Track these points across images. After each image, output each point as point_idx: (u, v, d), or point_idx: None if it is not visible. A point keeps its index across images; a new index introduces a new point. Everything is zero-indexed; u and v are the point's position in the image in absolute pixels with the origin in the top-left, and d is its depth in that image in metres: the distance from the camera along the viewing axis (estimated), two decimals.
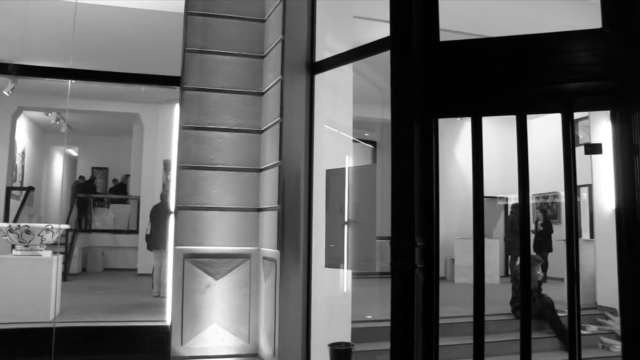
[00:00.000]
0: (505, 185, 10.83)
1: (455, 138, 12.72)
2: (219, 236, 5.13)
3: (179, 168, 5.17)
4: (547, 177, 8.69)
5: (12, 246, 6.41)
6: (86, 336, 5.24)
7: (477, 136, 3.64)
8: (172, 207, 5.23)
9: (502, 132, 11.29)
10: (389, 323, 3.60)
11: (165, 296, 5.90)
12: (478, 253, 3.57)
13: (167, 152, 10.37)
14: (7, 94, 8.15)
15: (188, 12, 5.30)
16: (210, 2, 5.31)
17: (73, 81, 5.66)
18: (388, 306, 3.58)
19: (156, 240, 8.67)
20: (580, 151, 3.63)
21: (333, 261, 4.51)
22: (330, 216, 4.60)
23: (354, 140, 5.30)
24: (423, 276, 3.57)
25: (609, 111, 3.45)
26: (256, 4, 5.43)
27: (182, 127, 5.21)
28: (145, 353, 5.12)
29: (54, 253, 6.36)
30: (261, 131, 5.31)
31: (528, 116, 3.61)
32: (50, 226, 6.34)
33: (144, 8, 6.68)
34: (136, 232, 12.15)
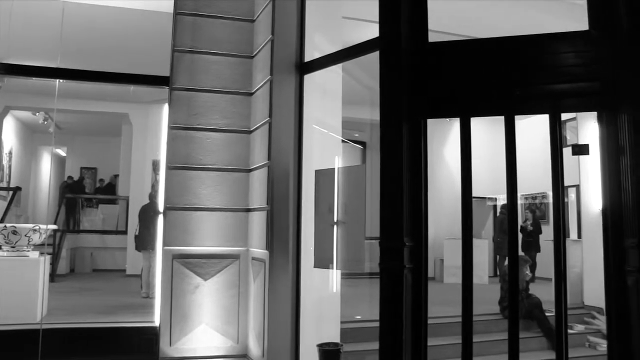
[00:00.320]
0: (494, 185, 10.88)
1: (444, 139, 12.77)
2: (208, 237, 5.11)
3: (168, 168, 5.15)
4: (536, 178, 8.77)
5: None
6: (74, 337, 5.20)
7: (466, 137, 3.66)
8: (161, 208, 5.22)
9: (492, 133, 11.33)
10: (378, 323, 3.61)
11: (154, 297, 5.88)
12: (467, 253, 3.58)
13: (156, 152, 10.32)
14: None
15: (177, 12, 5.28)
16: (199, 2, 5.30)
17: (61, 80, 5.62)
18: (377, 306, 3.58)
19: (145, 240, 8.61)
20: (568, 152, 3.66)
21: (322, 261, 4.51)
22: (319, 216, 4.60)
23: (343, 140, 5.30)
24: (412, 276, 3.58)
25: (596, 112, 3.48)
26: (245, 4, 5.42)
27: (171, 127, 5.19)
28: (133, 354, 5.10)
29: (41, 254, 6.30)
30: (250, 131, 5.30)
31: (517, 117, 3.63)
32: (37, 227, 6.29)
33: (133, 7, 6.63)
34: (125, 233, 12.11)
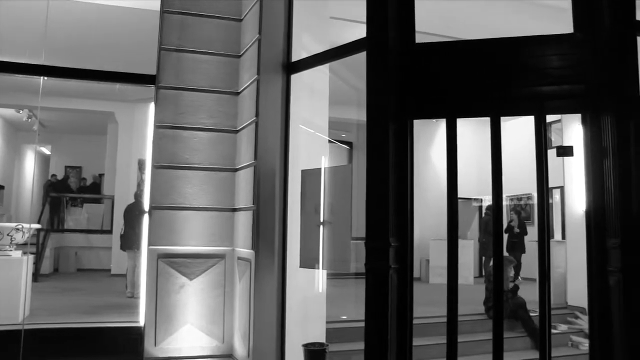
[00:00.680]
0: (480, 186, 10.95)
1: (431, 139, 12.82)
2: (194, 236, 5.09)
3: (154, 167, 5.12)
4: (521, 179, 8.84)
5: None
6: (57, 338, 5.14)
7: (452, 137, 3.68)
8: (147, 207, 5.18)
9: (478, 134, 11.41)
10: (364, 323, 3.62)
11: (139, 297, 5.83)
12: (452, 254, 3.61)
13: (142, 151, 10.23)
14: None
15: (164, 10, 5.24)
16: (186, 1, 5.27)
17: (45, 78, 5.55)
18: (363, 306, 3.59)
19: (130, 240, 8.55)
20: (552, 153, 3.70)
21: (308, 261, 4.51)
22: (305, 216, 4.60)
23: (330, 140, 5.31)
24: (397, 276, 3.60)
25: (580, 114, 3.52)
26: (233, 3, 5.40)
27: (157, 126, 5.15)
28: (118, 355, 5.06)
29: (24, 253, 6.25)
30: (237, 131, 5.28)
31: (503, 119, 3.65)
32: (20, 226, 6.22)
33: (119, 5, 6.57)
34: (110, 232, 11.99)
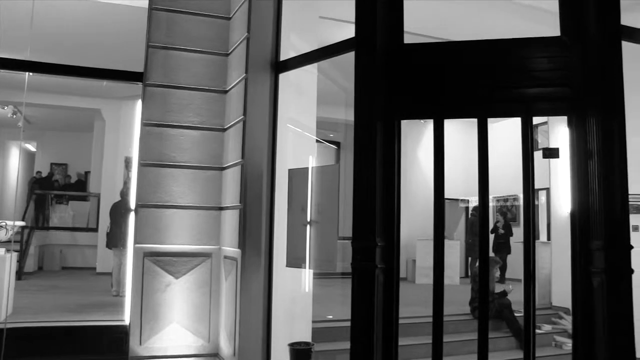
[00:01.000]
0: (467, 187, 10.99)
1: (418, 140, 12.87)
2: (180, 234, 5.06)
3: (141, 165, 5.08)
4: (508, 181, 8.87)
5: None
6: (40, 337, 5.08)
7: (439, 138, 3.69)
8: (133, 205, 5.14)
9: (466, 135, 11.45)
10: (350, 323, 3.62)
11: (124, 295, 5.79)
12: (438, 254, 3.62)
13: (129, 149, 10.16)
14: None
15: (152, 7, 5.21)
16: None
17: (31, 74, 5.49)
18: (349, 306, 3.59)
19: (116, 238, 8.50)
20: (538, 155, 3.72)
21: (294, 261, 4.51)
22: (292, 216, 4.60)
23: (318, 140, 5.31)
24: (383, 276, 3.60)
25: (567, 117, 3.55)
26: (222, 2, 5.37)
27: (145, 124, 5.12)
28: (102, 354, 5.02)
29: (8, 251, 6.17)
30: (224, 129, 5.26)
31: (490, 120, 3.67)
32: (4, 223, 6.17)
33: (107, 1, 6.52)
34: (96, 230, 11.89)
